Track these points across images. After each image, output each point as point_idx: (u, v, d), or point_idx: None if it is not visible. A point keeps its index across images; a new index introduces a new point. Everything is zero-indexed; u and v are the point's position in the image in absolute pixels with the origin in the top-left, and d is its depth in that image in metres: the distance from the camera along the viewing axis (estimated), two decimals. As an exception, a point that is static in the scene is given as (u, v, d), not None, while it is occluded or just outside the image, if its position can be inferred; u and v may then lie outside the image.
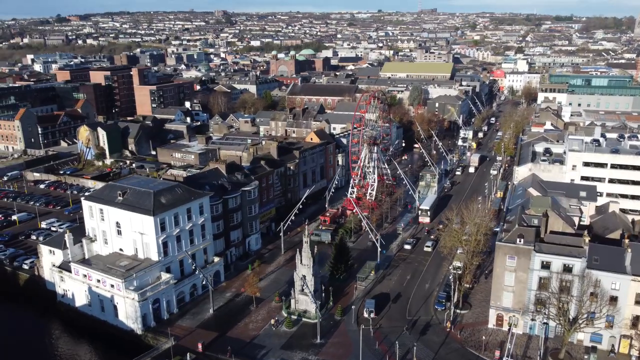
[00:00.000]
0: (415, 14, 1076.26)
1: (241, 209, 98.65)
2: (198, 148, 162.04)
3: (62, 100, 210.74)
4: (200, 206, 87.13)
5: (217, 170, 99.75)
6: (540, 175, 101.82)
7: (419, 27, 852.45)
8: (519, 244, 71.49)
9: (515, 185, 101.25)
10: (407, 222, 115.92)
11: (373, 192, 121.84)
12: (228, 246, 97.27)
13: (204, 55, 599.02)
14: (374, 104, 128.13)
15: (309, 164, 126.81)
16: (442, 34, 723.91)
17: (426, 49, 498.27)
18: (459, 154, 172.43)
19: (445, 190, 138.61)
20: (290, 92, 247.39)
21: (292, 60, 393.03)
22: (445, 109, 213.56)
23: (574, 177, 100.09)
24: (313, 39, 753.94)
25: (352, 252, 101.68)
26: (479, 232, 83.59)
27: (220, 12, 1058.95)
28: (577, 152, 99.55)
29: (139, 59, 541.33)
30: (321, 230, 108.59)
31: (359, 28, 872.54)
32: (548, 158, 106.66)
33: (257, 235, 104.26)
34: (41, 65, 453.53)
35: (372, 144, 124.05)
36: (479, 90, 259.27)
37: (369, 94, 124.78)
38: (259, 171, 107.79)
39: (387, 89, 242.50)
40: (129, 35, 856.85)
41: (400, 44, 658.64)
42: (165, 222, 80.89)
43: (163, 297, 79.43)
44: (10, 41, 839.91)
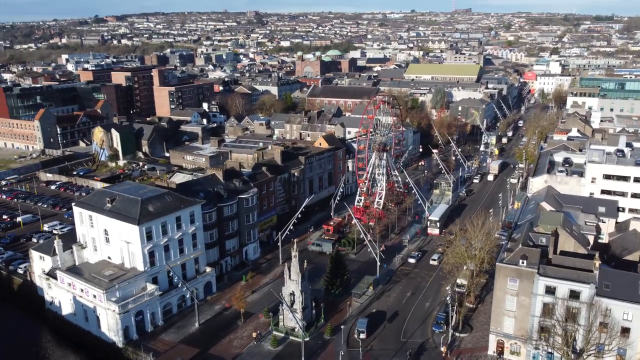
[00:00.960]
0: (448, 14, 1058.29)
1: (238, 217, 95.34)
2: (209, 151, 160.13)
3: (82, 101, 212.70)
4: (191, 214, 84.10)
5: (214, 176, 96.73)
6: (557, 187, 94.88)
7: (452, 28, 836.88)
8: (521, 265, 65.60)
9: (529, 198, 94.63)
10: (414, 234, 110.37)
11: (381, 201, 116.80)
12: (223, 255, 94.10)
13: (233, 55, 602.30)
14: (384, 109, 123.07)
15: (316, 170, 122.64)
16: (474, 35, 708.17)
17: (456, 50, 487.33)
18: (479, 160, 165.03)
19: (459, 200, 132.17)
20: (310, 94, 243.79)
21: (317, 61, 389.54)
22: (468, 113, 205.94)
23: (594, 190, 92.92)
24: (343, 39, 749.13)
25: (354, 264, 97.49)
26: (482, 249, 77.94)
27: (252, 13, 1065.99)
28: (597, 163, 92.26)
29: (169, 59, 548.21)
30: (323, 240, 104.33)
31: (390, 28, 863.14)
32: (566, 169, 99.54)
33: (255, 244, 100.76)
34: (73, 65, 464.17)
35: (382, 150, 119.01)
36: (507, 94, 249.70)
37: (379, 99, 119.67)
38: (260, 178, 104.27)
39: (409, 91, 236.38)
40: (162, 36, 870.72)
41: (431, 44, 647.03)
42: (151, 231, 78.10)
43: (147, 309, 76.66)
44: (50, 41, 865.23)
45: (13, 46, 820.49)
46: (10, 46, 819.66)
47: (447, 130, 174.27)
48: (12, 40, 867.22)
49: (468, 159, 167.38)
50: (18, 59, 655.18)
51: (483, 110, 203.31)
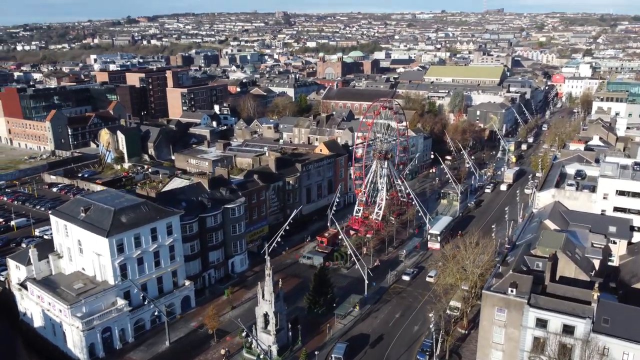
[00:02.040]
0: (480, 14, 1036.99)
1: (223, 227, 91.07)
2: (214, 154, 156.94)
3: (96, 102, 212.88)
4: (168, 226, 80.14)
5: (199, 185, 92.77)
6: (565, 203, 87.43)
7: (482, 28, 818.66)
8: (510, 294, 59.16)
9: (533, 214, 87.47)
10: (413, 248, 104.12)
11: (380, 212, 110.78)
12: (206, 268, 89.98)
13: (258, 56, 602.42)
14: (387, 115, 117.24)
15: (314, 178, 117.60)
16: (505, 36, 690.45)
17: (484, 51, 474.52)
18: (493, 168, 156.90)
19: (467, 211, 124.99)
20: (325, 97, 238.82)
21: (338, 62, 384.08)
22: (486, 118, 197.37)
23: (606, 207, 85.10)
24: (369, 40, 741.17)
25: (344, 280, 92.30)
26: (474, 272, 71.58)
27: (280, 14, 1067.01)
28: (610, 178, 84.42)
29: (194, 59, 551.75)
30: (314, 252, 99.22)
31: (419, 29, 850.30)
32: (578, 182, 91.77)
33: (242, 255, 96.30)
34: (100, 65, 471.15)
35: (383, 158, 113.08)
36: (530, 97, 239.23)
37: (379, 104, 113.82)
38: (250, 186, 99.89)
39: (427, 94, 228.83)
40: (190, 36, 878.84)
41: (459, 45, 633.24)
42: (123, 243, 74.43)
43: (115, 325, 73.00)
44: (83, 42, 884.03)
45: (48, 46, 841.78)
46: (45, 46, 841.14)
47: (462, 136, 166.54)
48: (47, 41, 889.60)
49: (482, 167, 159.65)
50: (50, 59, 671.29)
51: (502, 115, 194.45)
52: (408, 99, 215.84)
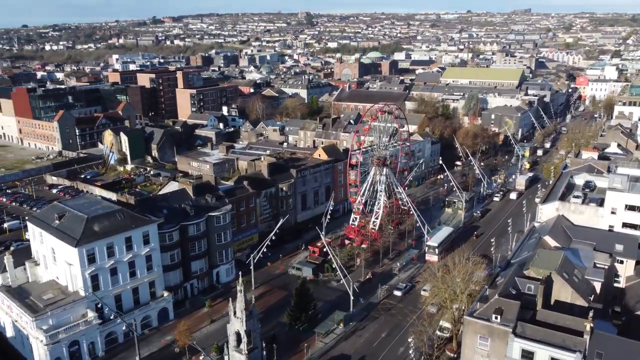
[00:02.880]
0: (506, 15, 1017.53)
1: (207, 236, 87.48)
2: (216, 157, 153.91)
3: (105, 102, 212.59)
4: (144, 234, 76.86)
5: (183, 191, 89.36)
6: (570, 217, 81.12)
7: (507, 29, 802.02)
8: (494, 321, 53.86)
9: (535, 229, 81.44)
10: (409, 260, 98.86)
11: (377, 221, 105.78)
12: (188, 278, 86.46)
13: (278, 56, 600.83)
14: (387, 119, 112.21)
15: (310, 184, 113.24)
16: (530, 36, 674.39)
17: (507, 53, 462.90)
18: (505, 175, 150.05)
19: (471, 221, 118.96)
20: (336, 98, 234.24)
21: (356, 63, 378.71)
22: (501, 122, 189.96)
23: (614, 223, 78.54)
24: (391, 40, 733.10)
25: (334, 293, 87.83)
26: (463, 293, 66.29)
27: (303, 14, 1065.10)
28: (618, 191, 77.85)
29: (213, 60, 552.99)
30: (303, 263, 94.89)
31: (442, 29, 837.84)
32: (585, 195, 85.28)
33: (229, 265, 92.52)
34: (120, 65, 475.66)
35: (382, 165, 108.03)
36: (550, 101, 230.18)
37: (377, 108, 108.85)
38: (239, 193, 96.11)
39: (442, 96, 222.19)
40: (213, 37, 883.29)
41: (483, 46, 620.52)
42: (94, 252, 71.39)
43: (84, 339, 69.92)
44: (108, 41, 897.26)
45: (75, 46, 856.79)
46: (72, 46, 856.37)
47: (473, 140, 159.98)
48: (75, 41, 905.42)
49: (494, 173, 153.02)
50: (74, 58, 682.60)
51: (518, 119, 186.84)
52: (421, 101, 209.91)
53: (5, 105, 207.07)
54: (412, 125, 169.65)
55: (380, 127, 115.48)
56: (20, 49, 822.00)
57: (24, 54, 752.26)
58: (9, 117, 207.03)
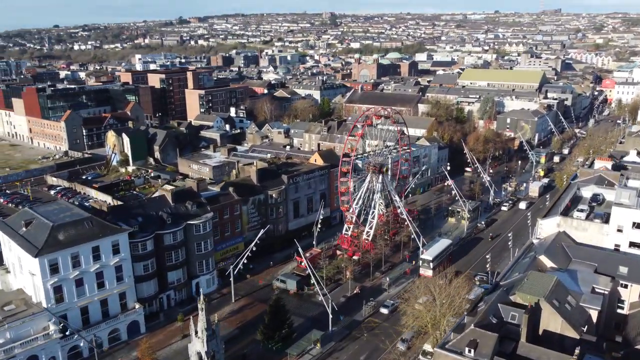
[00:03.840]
0: (535, 15, 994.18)
1: (185, 245, 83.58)
2: (217, 160, 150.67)
3: (114, 103, 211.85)
4: (114, 244, 73.27)
5: (162, 198, 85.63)
6: (572, 234, 74.37)
7: (535, 29, 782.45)
8: (467, 356, 48.12)
9: (534, 246, 74.90)
10: (401, 274, 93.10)
11: (371, 231, 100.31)
12: (164, 289, 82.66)
13: (299, 57, 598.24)
14: (384, 124, 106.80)
15: (303, 191, 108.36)
16: (559, 37, 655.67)
17: (532, 54, 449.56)
18: (516, 182, 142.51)
19: (474, 233, 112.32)
20: (348, 100, 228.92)
21: (374, 64, 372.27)
22: (517, 126, 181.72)
23: (620, 242, 71.52)
24: (414, 41, 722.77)
25: (317, 309, 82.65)
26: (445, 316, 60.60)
27: (327, 14, 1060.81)
28: (625, 207, 70.79)
29: (234, 60, 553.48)
30: (288, 275, 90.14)
31: (467, 30, 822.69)
32: (590, 209, 78.27)
33: (210, 275, 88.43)
34: (141, 64, 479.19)
35: (377, 172, 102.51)
36: (571, 104, 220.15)
37: (371, 113, 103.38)
38: (222, 200, 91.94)
39: (457, 99, 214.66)
40: (237, 37, 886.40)
41: (508, 47, 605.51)
42: (57, 263, 68.07)
43: (43, 354, 66.58)
44: (135, 41, 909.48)
45: (102, 46, 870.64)
46: (99, 46, 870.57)
47: (484, 146, 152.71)
48: (102, 41, 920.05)
49: (505, 180, 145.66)
50: (100, 58, 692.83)
51: (534, 123, 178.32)
52: (435, 104, 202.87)
53: (16, 105, 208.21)
54: (420, 129, 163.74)
55: (376, 132, 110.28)
56: (50, 49, 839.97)
57: (53, 54, 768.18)
58: (20, 117, 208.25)
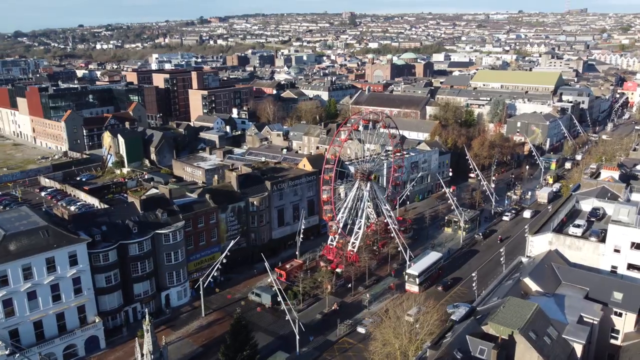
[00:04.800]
0: (559, 15, 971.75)
1: (153, 256, 79.28)
2: (211, 163, 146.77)
3: (117, 103, 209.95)
4: (71, 255, 69.24)
5: (131, 205, 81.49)
6: (566, 253, 67.79)
7: (559, 29, 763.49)
8: (422, 398, 42.46)
9: (522, 266, 68.48)
10: (386, 289, 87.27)
11: (357, 242, 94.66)
12: (130, 301, 78.46)
13: (315, 57, 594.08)
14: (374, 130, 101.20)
15: (289, 198, 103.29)
16: (583, 37, 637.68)
17: (553, 55, 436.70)
18: (522, 190, 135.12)
19: (470, 244, 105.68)
20: (354, 102, 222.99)
21: (388, 64, 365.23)
22: (528, 130, 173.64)
23: (618, 263, 64.72)
24: (434, 41, 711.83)
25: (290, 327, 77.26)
26: (414, 342, 54.89)
27: (347, 14, 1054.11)
28: (623, 225, 63.93)
29: (250, 59, 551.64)
30: (264, 288, 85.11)
31: (489, 30, 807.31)
32: (588, 224, 71.48)
33: (181, 287, 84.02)
34: (157, 64, 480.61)
35: (365, 179, 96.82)
36: (588, 107, 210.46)
37: (358, 117, 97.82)
38: (197, 207, 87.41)
39: (467, 101, 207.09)
40: (255, 36, 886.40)
41: (529, 47, 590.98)
42: (7, 274, 64.29)
43: (-12, 372, 62.96)
44: (155, 41, 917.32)
45: (123, 45, 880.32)
46: (121, 45, 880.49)
47: (489, 151, 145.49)
48: (124, 40, 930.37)
49: (511, 188, 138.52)
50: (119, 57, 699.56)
51: (546, 127, 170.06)
52: (443, 106, 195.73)
53: (21, 104, 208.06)
54: (424, 132, 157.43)
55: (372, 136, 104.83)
56: (73, 48, 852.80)
57: (76, 53, 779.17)
58: (24, 116, 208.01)
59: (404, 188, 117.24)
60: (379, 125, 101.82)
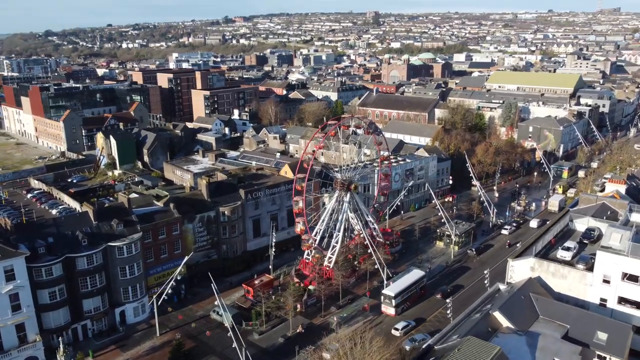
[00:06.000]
0: (591, 14, 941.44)
1: (105, 269, 73.97)
2: (202, 166, 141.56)
3: (119, 102, 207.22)
4: (7, 269, 64.34)
5: (85, 215, 76.38)
6: (550, 281, 59.61)
7: (589, 29, 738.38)
8: None
9: (500, 292, 60.54)
10: (357, 310, 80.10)
11: (333, 257, 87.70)
12: (79, 318, 73.28)
13: (335, 57, 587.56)
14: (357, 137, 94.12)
15: (266, 207, 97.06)
16: (613, 37, 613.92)
17: (579, 55, 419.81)
18: (526, 201, 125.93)
19: (464, 261, 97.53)
20: (361, 103, 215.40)
21: (404, 64, 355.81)
22: (541, 135, 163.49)
23: (608, 296, 56.29)
24: (458, 41, 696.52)
25: (252, 351, 71.01)
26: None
27: (371, 13, 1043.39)
28: (613, 252, 55.48)
29: (268, 59, 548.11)
30: (227, 307, 78.82)
31: (515, 30, 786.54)
32: (578, 248, 63.04)
33: (138, 303, 78.52)
34: (175, 63, 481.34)
35: (345, 189, 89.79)
36: (609, 111, 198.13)
37: (337, 123, 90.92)
38: (159, 217, 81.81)
39: (478, 103, 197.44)
40: (278, 36, 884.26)
41: (557, 48, 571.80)
42: None
43: None
44: (179, 40, 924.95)
45: (148, 45, 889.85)
46: (146, 45, 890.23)
47: (493, 159, 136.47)
48: (149, 39, 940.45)
49: (513, 198, 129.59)
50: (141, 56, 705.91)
51: (559, 132, 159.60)
52: (452, 109, 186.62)
53: (25, 103, 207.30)
54: (425, 137, 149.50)
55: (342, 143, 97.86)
56: (100, 47, 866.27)
57: (102, 52, 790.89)
58: (28, 115, 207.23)
59: (395, 197, 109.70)
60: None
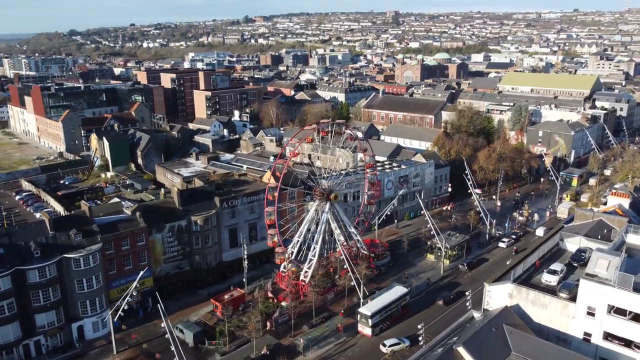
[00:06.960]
0: (617, 14, 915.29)
1: (60, 282, 69.82)
2: (193, 170, 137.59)
3: (121, 103, 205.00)
4: (-53, 283, 60.72)
5: (41, 224, 72.36)
6: (528, 310, 53.20)
7: (615, 29, 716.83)
8: None
9: (474, 321, 54.33)
10: (331, 331, 74.44)
11: (309, 271, 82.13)
12: (31, 334, 69.27)
13: (351, 57, 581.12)
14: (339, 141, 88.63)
15: (244, 216, 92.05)
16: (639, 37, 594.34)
17: (602, 56, 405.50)
18: (529, 211, 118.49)
19: (455, 276, 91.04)
20: (367, 105, 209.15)
21: (418, 65, 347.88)
22: (551, 140, 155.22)
23: (592, 331, 49.66)
24: (478, 40, 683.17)
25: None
26: None
27: (391, 13, 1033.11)
28: (599, 282, 48.81)
29: (283, 59, 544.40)
30: (189, 324, 74.14)
31: (538, 29, 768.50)
32: (563, 275, 56.43)
33: (97, 318, 74.20)
34: (189, 62, 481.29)
35: (325, 198, 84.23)
36: (627, 115, 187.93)
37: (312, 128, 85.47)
38: (123, 227, 77.38)
39: (488, 106, 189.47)
40: (296, 35, 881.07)
41: (580, 48, 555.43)
42: None
43: None
44: (199, 40, 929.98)
45: (168, 44, 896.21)
46: (166, 44, 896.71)
47: (495, 165, 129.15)
48: (169, 39, 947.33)
49: (515, 207, 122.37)
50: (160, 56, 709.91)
51: (570, 137, 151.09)
52: (460, 111, 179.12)
53: (28, 103, 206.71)
54: (426, 141, 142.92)
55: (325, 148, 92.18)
56: (122, 46, 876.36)
57: (122, 51, 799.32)
58: (30, 115, 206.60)
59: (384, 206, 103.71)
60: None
